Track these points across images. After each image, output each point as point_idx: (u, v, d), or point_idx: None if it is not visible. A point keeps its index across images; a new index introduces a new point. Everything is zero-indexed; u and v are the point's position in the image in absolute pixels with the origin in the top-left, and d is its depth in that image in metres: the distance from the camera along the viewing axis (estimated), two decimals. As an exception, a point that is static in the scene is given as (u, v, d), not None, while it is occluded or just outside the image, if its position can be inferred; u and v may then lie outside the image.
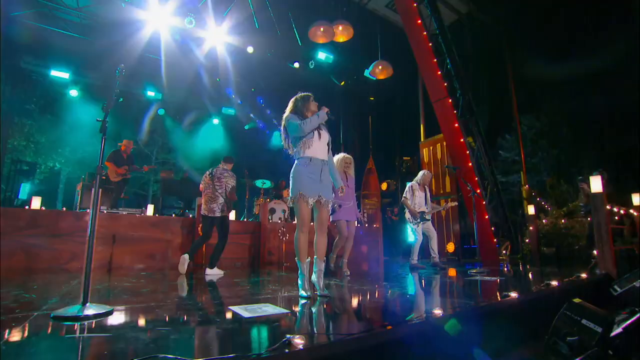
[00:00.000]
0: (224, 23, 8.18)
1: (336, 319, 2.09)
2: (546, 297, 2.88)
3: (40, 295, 2.73)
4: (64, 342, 1.55)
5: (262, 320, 1.91)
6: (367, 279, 4.23)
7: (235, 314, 2.03)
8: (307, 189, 2.77)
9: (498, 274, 4.48)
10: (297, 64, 9.34)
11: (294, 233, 2.85)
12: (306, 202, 2.75)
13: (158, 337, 1.57)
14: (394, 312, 2.33)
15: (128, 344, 1.48)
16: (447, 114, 7.03)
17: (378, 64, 8.25)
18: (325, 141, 2.96)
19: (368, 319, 2.17)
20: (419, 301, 2.74)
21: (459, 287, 3.54)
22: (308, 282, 2.77)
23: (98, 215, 2.16)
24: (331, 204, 2.92)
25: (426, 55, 7.03)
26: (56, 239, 5.07)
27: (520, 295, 2.53)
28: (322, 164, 2.87)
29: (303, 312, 2.20)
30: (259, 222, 7.18)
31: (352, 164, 4.77)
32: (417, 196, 5.54)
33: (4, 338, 1.50)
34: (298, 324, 1.89)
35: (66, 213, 5.33)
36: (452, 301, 2.65)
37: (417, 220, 5.47)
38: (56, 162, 12.16)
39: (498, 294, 2.79)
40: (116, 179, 6.35)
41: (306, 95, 3.03)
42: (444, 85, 7.05)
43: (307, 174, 2.81)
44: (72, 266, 5.03)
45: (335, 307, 2.42)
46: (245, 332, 1.72)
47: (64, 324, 1.80)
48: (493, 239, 7.04)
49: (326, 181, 2.88)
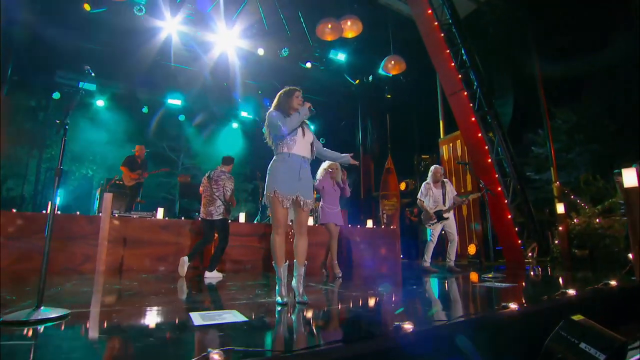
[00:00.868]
0: (234, 27, 8.26)
1: (292, 331, 1.93)
2: (555, 310, 2.52)
3: (23, 297, 2.77)
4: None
5: (208, 329, 1.79)
6: (364, 283, 4.00)
7: (187, 321, 1.93)
8: (283, 187, 2.61)
9: (512, 280, 4.09)
10: (309, 64, 9.24)
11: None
12: (281, 202, 2.60)
13: (82, 346, 1.49)
14: (359, 324, 2.09)
15: (42, 351, 1.41)
16: (463, 108, 6.61)
17: (390, 59, 7.95)
18: (308, 140, 2.79)
19: (326, 332, 1.97)
20: (392, 312, 2.49)
21: (454, 295, 3.25)
22: (285, 288, 2.62)
23: (53, 216, 2.13)
24: (311, 206, 2.74)
25: (438, 46, 6.66)
26: (70, 241, 5.28)
27: (521, 307, 2.20)
28: (301, 161, 2.69)
29: (263, 322, 2.05)
30: (269, 224, 7.12)
31: (338, 170, 4.85)
32: (434, 194, 5.25)
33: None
34: (241, 336, 1.75)
35: (79, 217, 5.53)
36: (431, 313, 2.40)
37: (432, 221, 5.20)
38: (89, 169, 12.89)
39: (498, 304, 2.49)
40: (130, 183, 6.55)
41: (290, 90, 2.84)
42: (459, 77, 6.64)
43: (284, 170, 2.65)
44: (86, 268, 5.21)
45: (304, 316, 2.25)
46: (178, 341, 1.61)
47: (12, 327, 1.77)
48: (517, 240, 6.51)
49: (306, 180, 2.70)
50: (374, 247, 7.83)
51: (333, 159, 3.17)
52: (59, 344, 1.55)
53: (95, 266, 5.30)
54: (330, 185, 4.88)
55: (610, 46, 8.08)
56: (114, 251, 5.48)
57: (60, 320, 1.92)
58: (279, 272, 2.64)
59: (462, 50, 6.80)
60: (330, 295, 3.04)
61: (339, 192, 4.95)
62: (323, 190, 4.88)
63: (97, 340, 1.69)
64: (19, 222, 5.05)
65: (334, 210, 4.83)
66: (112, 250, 5.47)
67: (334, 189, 4.90)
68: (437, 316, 2.18)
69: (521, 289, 3.40)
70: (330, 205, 4.83)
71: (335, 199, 4.90)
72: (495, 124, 6.73)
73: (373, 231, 8.07)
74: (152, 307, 2.46)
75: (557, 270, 5.40)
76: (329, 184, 4.88)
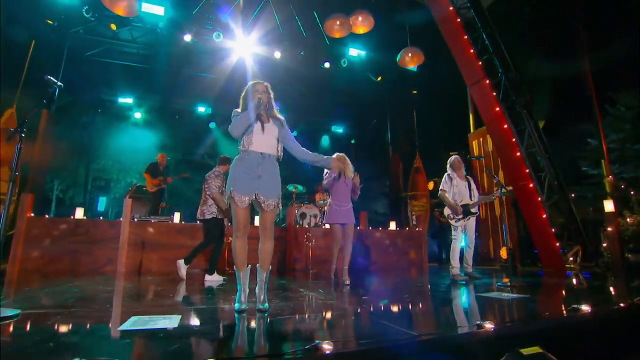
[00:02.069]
0: (251, 33, 8.39)
1: (214, 340, 1.79)
2: (552, 332, 2.09)
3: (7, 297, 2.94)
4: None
5: (127, 334, 1.72)
6: (361, 293, 3.72)
7: (111, 326, 1.88)
8: (240, 186, 2.47)
9: (532, 289, 3.57)
10: (327, 64, 9.10)
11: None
12: (238, 202, 2.47)
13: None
14: (282, 339, 1.88)
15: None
16: (486, 98, 6.01)
17: (407, 52, 7.49)
18: (272, 135, 2.60)
19: (255, 344, 1.80)
20: (335, 327, 2.23)
21: (443, 307, 2.89)
22: (244, 294, 2.49)
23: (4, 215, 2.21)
24: (273, 206, 2.56)
25: (455, 32, 6.14)
26: (94, 245, 5.64)
27: (496, 328, 1.81)
28: (260, 158, 2.52)
29: (194, 329, 1.94)
30: (285, 227, 7.06)
31: (347, 162, 4.31)
32: (457, 185, 4.59)
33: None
34: (153, 343, 1.64)
35: (102, 222, 5.91)
36: (369, 331, 2.11)
37: (459, 217, 4.52)
38: (133, 178, 13.90)
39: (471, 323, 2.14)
40: (152, 189, 6.88)
41: (250, 85, 2.69)
42: (479, 64, 6.05)
43: (241, 169, 2.51)
44: (107, 269, 5.53)
45: (247, 324, 2.10)
46: (62, 346, 1.54)
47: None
48: (555, 242, 5.75)
49: (267, 177, 2.53)
50: (398, 251, 7.43)
51: (311, 161, 2.82)
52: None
53: (116, 268, 5.60)
54: (340, 181, 4.36)
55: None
56: (133, 254, 5.75)
57: (4, 320, 1.96)
58: (240, 277, 2.52)
59: (484, 35, 6.20)
60: (302, 305, 2.85)
61: (349, 187, 4.41)
62: (331, 185, 4.40)
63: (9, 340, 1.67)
64: (49, 226, 5.50)
65: (343, 207, 4.30)
66: (132, 253, 5.75)
67: (345, 183, 4.35)
68: (372, 335, 1.89)
69: (522, 302, 2.92)
70: (339, 202, 4.31)
71: (345, 195, 4.37)
72: (525, 113, 6.02)
73: (396, 234, 7.68)
74: (101, 309, 2.45)
75: (607, 279, 4.65)
76: (339, 180, 4.38)
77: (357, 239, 7.11)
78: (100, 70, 10.27)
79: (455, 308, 2.80)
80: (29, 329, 1.90)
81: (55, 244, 5.45)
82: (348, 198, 4.36)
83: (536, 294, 3.33)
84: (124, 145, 12.40)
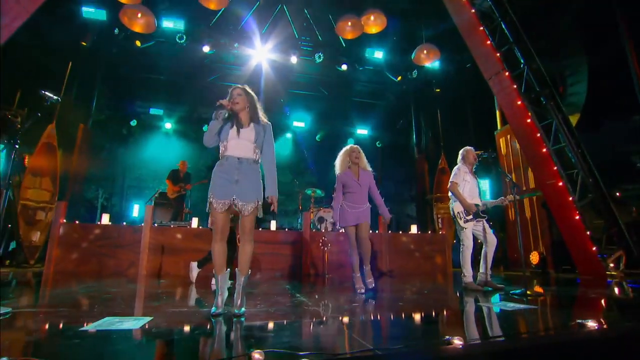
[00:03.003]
0: (268, 40, 8.55)
1: (163, 346, 1.78)
2: (541, 350, 1.84)
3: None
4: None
5: (84, 334, 1.76)
6: (350, 299, 3.56)
7: (76, 326, 1.94)
8: (218, 191, 2.50)
9: (544, 301, 3.23)
10: (344, 67, 9.01)
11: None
12: (216, 207, 2.49)
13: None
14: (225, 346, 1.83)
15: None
16: (507, 91, 5.59)
17: (422, 49, 7.20)
18: (248, 139, 2.60)
19: (205, 351, 1.77)
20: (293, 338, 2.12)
21: (427, 319, 2.69)
22: (221, 298, 2.49)
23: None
24: (250, 210, 2.54)
25: (470, 24, 5.78)
26: (119, 249, 5.98)
27: (466, 346, 1.61)
28: (237, 163, 2.53)
29: (145, 332, 1.94)
30: (301, 231, 7.05)
31: (361, 154, 3.92)
32: (469, 182, 4.17)
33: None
34: (105, 345, 1.66)
35: (126, 227, 6.25)
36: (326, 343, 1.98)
37: (468, 217, 4.06)
38: (164, 185, 14.65)
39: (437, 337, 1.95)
40: (173, 195, 7.18)
41: (230, 89, 2.70)
42: (497, 56, 5.65)
43: (219, 174, 2.54)
44: (131, 272, 5.84)
45: (211, 329, 2.08)
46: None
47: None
48: (591, 246, 5.19)
49: (245, 182, 2.53)
50: (419, 256, 7.13)
51: (269, 178, 2.69)
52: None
53: (138, 271, 5.89)
54: (352, 178, 3.85)
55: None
56: (153, 258, 6.02)
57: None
58: (218, 281, 2.52)
59: (502, 25, 5.78)
60: (286, 311, 2.78)
61: (365, 188, 3.88)
62: (344, 185, 3.89)
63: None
64: (79, 231, 5.91)
65: (358, 208, 3.81)
66: (152, 256, 6.02)
67: (358, 183, 3.84)
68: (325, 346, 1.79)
69: (523, 315, 2.63)
70: (352, 204, 3.81)
71: (361, 195, 3.85)
72: (552, 105, 5.52)
73: (418, 238, 7.38)
74: (74, 311, 2.54)
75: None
76: (350, 177, 3.86)
77: (374, 244, 6.92)
78: (133, 84, 11.00)
79: (444, 320, 2.59)
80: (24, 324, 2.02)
81: (85, 248, 5.85)
82: (362, 199, 3.85)
83: (549, 305, 3.00)
84: (157, 154, 13.11)
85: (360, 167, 3.90)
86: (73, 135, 8.66)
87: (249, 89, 2.75)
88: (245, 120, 2.65)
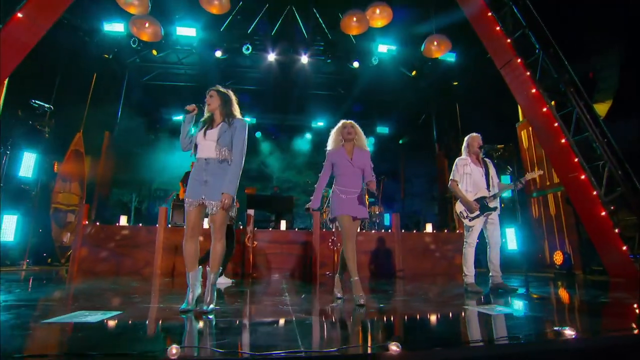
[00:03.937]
0: (278, 42, 8.62)
1: (119, 336, 1.80)
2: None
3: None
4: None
5: (45, 326, 1.84)
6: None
7: (52, 320, 2.02)
8: (190, 192, 2.63)
9: (543, 303, 2.96)
10: (356, 64, 8.87)
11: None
12: (187, 205, 2.61)
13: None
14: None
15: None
16: (520, 79, 5.21)
17: (432, 40, 6.88)
18: (212, 139, 2.62)
19: (151, 341, 1.78)
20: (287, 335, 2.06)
21: (399, 321, 2.55)
22: (192, 294, 2.51)
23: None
24: (215, 209, 2.55)
25: (478, 11, 5.45)
26: (135, 249, 6.26)
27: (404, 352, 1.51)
28: (205, 164, 2.61)
29: (104, 325, 1.99)
30: (311, 231, 7.02)
31: (355, 130, 3.25)
32: (472, 175, 3.79)
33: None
34: (63, 336, 1.72)
35: (142, 228, 6.53)
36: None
37: (473, 215, 3.72)
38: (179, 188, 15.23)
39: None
40: (183, 197, 7.40)
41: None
42: (508, 42, 5.27)
43: (192, 176, 2.68)
44: (146, 271, 6.09)
45: (173, 324, 2.09)
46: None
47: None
48: (620, 245, 4.71)
49: (213, 182, 2.57)
50: (433, 256, 6.86)
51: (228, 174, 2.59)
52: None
53: (153, 270, 6.14)
54: (344, 156, 3.18)
55: None
56: (167, 257, 6.24)
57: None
58: (189, 278, 2.56)
59: (514, 9, 5.39)
60: (261, 309, 2.76)
61: (359, 171, 3.19)
62: (334, 165, 3.24)
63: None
64: (100, 232, 6.26)
65: (350, 195, 3.10)
66: (166, 256, 6.25)
67: (351, 163, 3.16)
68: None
69: (498, 320, 2.41)
70: (344, 188, 3.12)
71: (354, 178, 3.16)
72: (572, 92, 5.06)
73: (432, 237, 7.10)
74: (54, 305, 2.66)
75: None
76: (342, 155, 3.19)
77: (385, 244, 6.74)
78: (156, 92, 11.53)
79: (415, 324, 2.44)
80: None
81: (104, 248, 6.17)
82: (356, 182, 3.16)
83: (539, 310, 2.75)
84: (180, 159, 13.67)
85: (356, 145, 3.22)
86: (99, 142, 9.22)
87: (222, 88, 2.81)
88: (218, 120, 2.70)
